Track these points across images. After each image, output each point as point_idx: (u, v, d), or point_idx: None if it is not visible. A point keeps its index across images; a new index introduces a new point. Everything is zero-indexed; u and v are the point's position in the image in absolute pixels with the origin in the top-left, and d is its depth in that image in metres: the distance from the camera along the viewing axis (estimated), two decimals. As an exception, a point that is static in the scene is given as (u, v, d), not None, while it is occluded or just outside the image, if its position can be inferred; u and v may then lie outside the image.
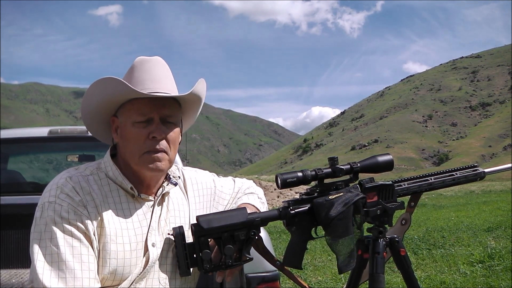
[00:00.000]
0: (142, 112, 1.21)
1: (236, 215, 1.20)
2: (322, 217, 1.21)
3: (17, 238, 2.89)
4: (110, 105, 1.25)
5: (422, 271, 4.97)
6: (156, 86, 1.22)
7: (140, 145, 1.21)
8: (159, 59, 1.29)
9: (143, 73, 1.24)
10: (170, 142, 1.24)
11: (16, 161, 4.01)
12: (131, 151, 1.22)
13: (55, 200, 1.15)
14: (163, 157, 1.22)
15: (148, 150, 1.21)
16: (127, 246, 1.19)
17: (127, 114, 1.23)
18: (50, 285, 1.06)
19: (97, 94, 1.23)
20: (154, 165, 1.22)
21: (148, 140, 1.20)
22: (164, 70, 1.27)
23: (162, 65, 1.28)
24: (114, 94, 1.20)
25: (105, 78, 1.19)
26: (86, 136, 3.02)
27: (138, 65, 1.26)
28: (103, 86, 1.21)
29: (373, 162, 1.28)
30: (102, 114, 1.28)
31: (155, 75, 1.24)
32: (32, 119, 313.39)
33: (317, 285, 4.62)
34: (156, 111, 1.21)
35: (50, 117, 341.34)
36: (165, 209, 1.31)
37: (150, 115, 1.21)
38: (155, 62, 1.27)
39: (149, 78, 1.23)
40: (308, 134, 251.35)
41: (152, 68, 1.25)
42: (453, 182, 1.38)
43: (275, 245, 6.19)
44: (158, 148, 1.21)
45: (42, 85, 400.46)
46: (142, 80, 1.23)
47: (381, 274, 1.25)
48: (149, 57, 1.28)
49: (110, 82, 1.19)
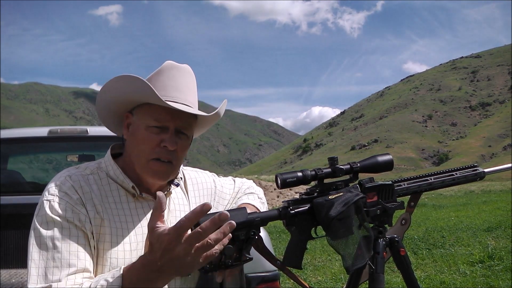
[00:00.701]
0: (158, 119, 1.19)
1: (236, 215, 1.20)
2: (322, 217, 1.21)
3: (17, 238, 2.89)
4: (127, 102, 1.24)
5: (422, 271, 4.97)
6: (178, 96, 1.21)
7: (149, 151, 1.20)
8: (188, 68, 1.28)
9: (169, 80, 1.23)
10: (179, 153, 1.23)
11: (16, 161, 4.01)
12: (138, 154, 1.22)
13: (53, 198, 1.15)
14: (169, 168, 1.22)
15: (156, 157, 1.20)
16: (127, 245, 1.19)
17: (142, 116, 1.22)
18: (44, 283, 1.07)
19: (118, 88, 1.22)
20: (159, 175, 1.22)
21: (159, 147, 1.20)
22: (190, 81, 1.26)
23: (189, 75, 1.27)
24: (135, 93, 1.19)
25: (131, 76, 1.17)
26: (86, 136, 3.02)
27: (166, 69, 1.24)
28: (126, 82, 1.19)
29: (373, 162, 1.28)
30: (117, 107, 1.27)
31: (179, 84, 1.23)
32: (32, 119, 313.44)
33: (317, 285, 4.63)
34: (173, 121, 1.20)
35: (50, 117, 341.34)
36: (166, 209, 1.30)
37: (166, 124, 1.20)
38: (183, 70, 1.26)
39: (173, 86, 1.22)
40: (308, 134, 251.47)
41: (179, 77, 1.24)
42: (453, 182, 1.38)
43: (275, 245, 6.20)
44: (167, 158, 1.21)
45: (42, 85, 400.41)
46: (166, 86, 1.22)
47: (381, 274, 1.25)
48: (178, 64, 1.26)
49: (134, 81, 1.17)
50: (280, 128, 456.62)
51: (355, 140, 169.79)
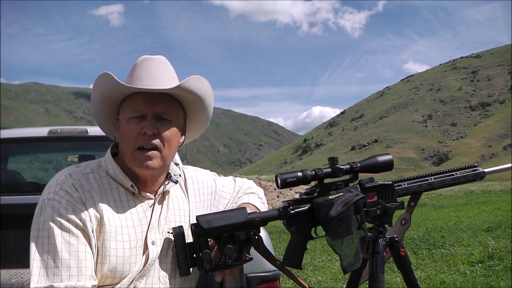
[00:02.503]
0: (136, 109, 1.21)
1: (236, 215, 1.20)
2: (322, 217, 1.21)
3: (17, 238, 2.89)
4: (110, 102, 1.27)
5: (422, 271, 4.97)
6: (152, 83, 1.22)
7: (132, 141, 1.21)
8: (161, 57, 1.29)
9: (142, 71, 1.24)
10: (165, 140, 1.22)
11: (16, 161, 4.01)
12: (125, 148, 1.23)
13: (54, 197, 1.15)
14: (154, 155, 1.21)
15: (139, 146, 1.21)
16: (127, 243, 1.20)
17: (124, 111, 1.25)
18: (47, 283, 1.07)
19: (97, 91, 1.26)
20: (145, 163, 1.21)
21: (140, 136, 1.20)
22: (164, 68, 1.27)
23: (163, 63, 1.28)
24: (106, 89, 1.23)
25: (100, 75, 1.21)
26: (86, 136, 3.02)
27: (140, 63, 1.26)
28: (99, 82, 1.23)
29: (373, 162, 1.28)
30: (107, 110, 1.30)
31: (153, 72, 1.24)
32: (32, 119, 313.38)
33: (317, 285, 4.62)
34: (150, 107, 1.21)
35: (50, 117, 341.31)
36: (166, 208, 1.31)
37: (144, 112, 1.21)
38: (156, 60, 1.27)
39: (147, 76, 1.23)
40: (308, 134, 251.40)
41: (152, 66, 1.25)
42: (453, 182, 1.38)
43: (275, 245, 6.19)
44: (149, 145, 1.20)
45: (42, 85, 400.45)
46: (140, 77, 1.23)
47: (381, 274, 1.25)
48: (152, 56, 1.28)
49: (103, 77, 1.21)
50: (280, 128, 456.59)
51: (355, 140, 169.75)
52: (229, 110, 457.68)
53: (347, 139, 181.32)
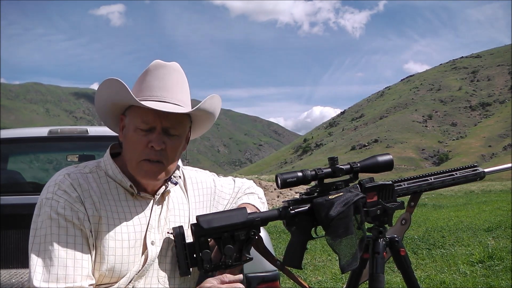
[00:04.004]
0: (145, 120, 1.19)
1: (236, 215, 1.20)
2: (322, 217, 1.21)
3: (17, 238, 2.89)
4: (115, 105, 1.25)
5: (422, 271, 4.97)
6: (164, 95, 1.20)
7: (138, 152, 1.20)
8: (175, 65, 1.26)
9: (155, 80, 1.22)
10: (171, 154, 1.22)
11: (16, 161, 4.01)
12: (129, 156, 1.23)
13: (52, 196, 1.15)
14: (160, 168, 1.22)
15: (145, 158, 1.20)
16: (126, 243, 1.20)
17: (132, 118, 1.22)
18: (42, 283, 1.07)
19: (106, 93, 1.24)
20: (149, 175, 1.22)
21: (147, 148, 1.20)
22: (177, 78, 1.25)
23: (176, 73, 1.25)
24: (116, 96, 1.21)
25: (112, 80, 1.19)
26: (86, 136, 3.02)
27: (152, 69, 1.24)
28: (110, 86, 1.21)
29: (373, 162, 1.28)
30: (111, 109, 1.28)
31: (166, 83, 1.22)
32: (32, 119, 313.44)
33: (317, 285, 4.62)
34: (160, 120, 1.19)
35: (50, 117, 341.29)
36: (165, 208, 1.31)
37: (153, 124, 1.20)
38: (170, 68, 1.24)
39: (159, 86, 1.21)
40: (308, 134, 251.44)
41: (165, 75, 1.23)
42: (453, 182, 1.38)
43: (275, 245, 6.19)
44: (155, 158, 1.20)
45: (42, 85, 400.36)
46: (151, 86, 1.21)
47: (381, 274, 1.25)
48: (165, 63, 1.25)
49: (114, 84, 1.18)
50: (280, 128, 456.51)
51: (355, 140, 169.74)
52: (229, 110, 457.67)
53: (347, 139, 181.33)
